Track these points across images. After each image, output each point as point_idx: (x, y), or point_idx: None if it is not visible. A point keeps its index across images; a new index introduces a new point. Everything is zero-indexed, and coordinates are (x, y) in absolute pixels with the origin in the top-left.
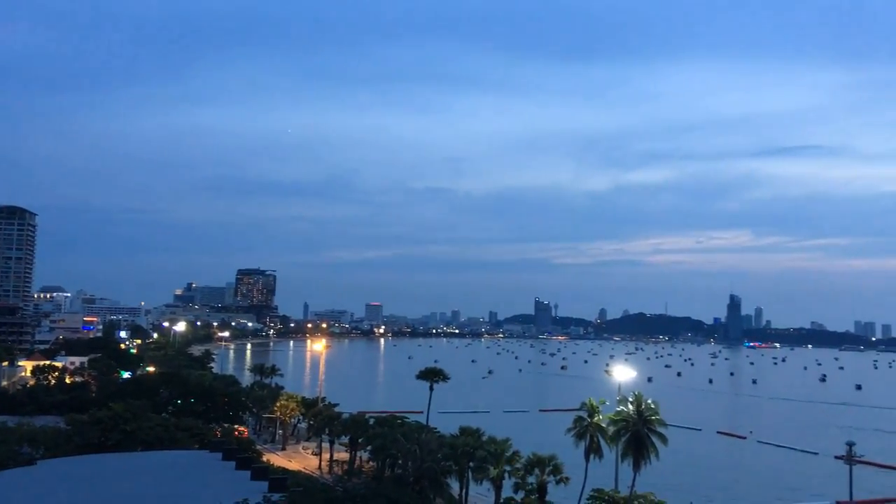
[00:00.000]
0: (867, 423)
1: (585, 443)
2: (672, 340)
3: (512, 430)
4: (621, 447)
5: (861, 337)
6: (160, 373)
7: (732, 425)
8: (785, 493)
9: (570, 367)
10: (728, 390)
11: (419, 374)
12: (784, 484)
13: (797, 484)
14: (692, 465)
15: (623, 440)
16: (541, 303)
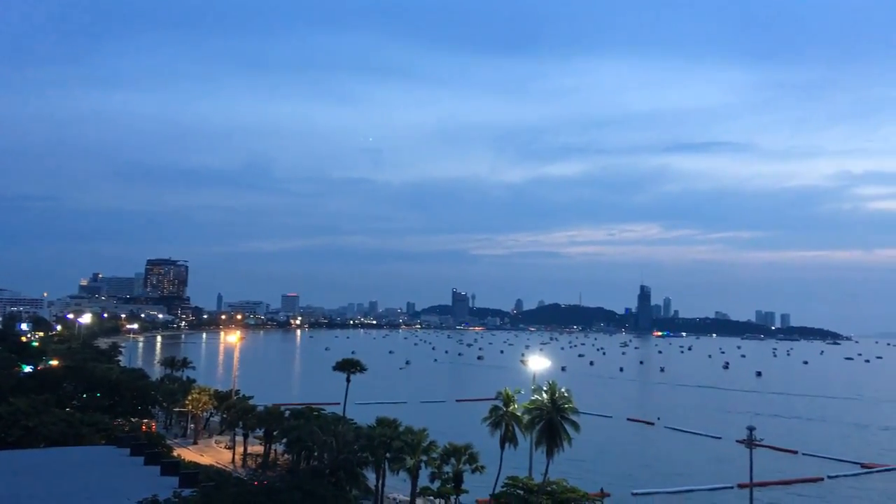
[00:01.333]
0: (766, 408)
1: (501, 431)
2: (585, 330)
3: (429, 421)
4: (535, 435)
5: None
6: (64, 366)
7: (641, 412)
8: (690, 477)
9: (486, 358)
10: (638, 378)
11: (336, 366)
12: (690, 468)
13: (702, 467)
14: (603, 452)
15: (537, 428)
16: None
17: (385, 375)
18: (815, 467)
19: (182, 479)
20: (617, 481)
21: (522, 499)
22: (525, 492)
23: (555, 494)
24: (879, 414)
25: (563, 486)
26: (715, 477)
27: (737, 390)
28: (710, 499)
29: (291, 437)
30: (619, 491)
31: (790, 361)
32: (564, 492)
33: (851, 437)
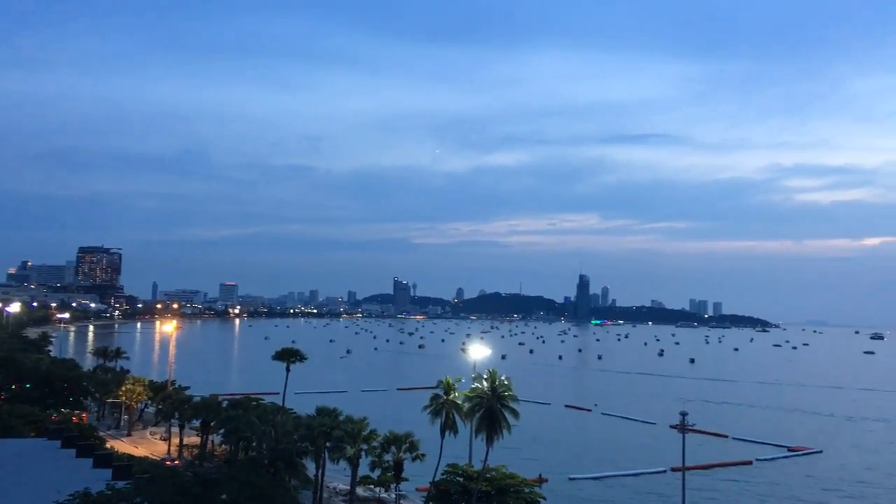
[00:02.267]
0: (699, 394)
1: (441, 419)
2: (525, 319)
3: (370, 410)
4: (475, 423)
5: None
6: None
7: (579, 399)
8: (626, 462)
9: (427, 346)
10: (576, 366)
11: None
12: (625, 453)
13: (637, 452)
14: (542, 438)
15: (477, 416)
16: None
17: (326, 364)
18: (745, 451)
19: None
20: (555, 467)
21: (462, 486)
22: (465, 479)
23: (494, 481)
24: (805, 399)
25: (502, 473)
26: (649, 461)
27: (671, 377)
28: (644, 483)
29: (229, 427)
30: (556, 476)
31: (722, 348)
32: (503, 478)
33: (779, 421)
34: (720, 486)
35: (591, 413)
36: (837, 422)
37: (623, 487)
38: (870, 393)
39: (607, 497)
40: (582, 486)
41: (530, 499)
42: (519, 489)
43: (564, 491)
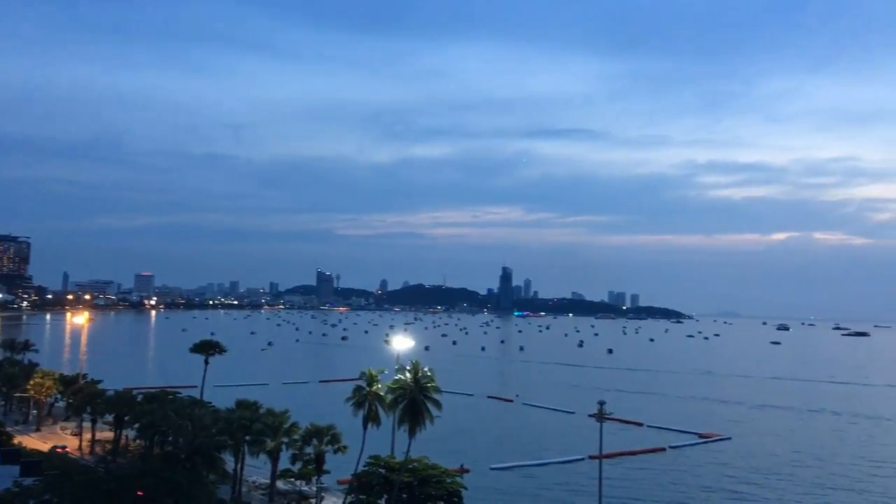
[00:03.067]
0: (616, 383)
1: (364, 411)
2: (449, 311)
3: (291, 402)
4: (398, 414)
5: (614, 306)
6: None
7: (501, 389)
8: (546, 450)
9: (350, 338)
10: (498, 357)
11: (193, 347)
12: (545, 442)
13: (557, 441)
14: (464, 429)
15: (400, 407)
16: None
17: (246, 357)
18: (659, 438)
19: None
20: (476, 457)
21: (384, 477)
22: (387, 470)
23: (416, 472)
24: (715, 387)
25: (424, 464)
26: (568, 450)
27: (590, 367)
28: (563, 471)
29: (144, 421)
30: (478, 466)
31: (638, 339)
32: (425, 469)
33: (691, 409)
34: (635, 473)
35: (513, 403)
36: (745, 409)
37: (543, 476)
38: (775, 381)
39: (527, 486)
40: (502, 476)
41: (451, 489)
42: (440, 480)
43: (485, 481)
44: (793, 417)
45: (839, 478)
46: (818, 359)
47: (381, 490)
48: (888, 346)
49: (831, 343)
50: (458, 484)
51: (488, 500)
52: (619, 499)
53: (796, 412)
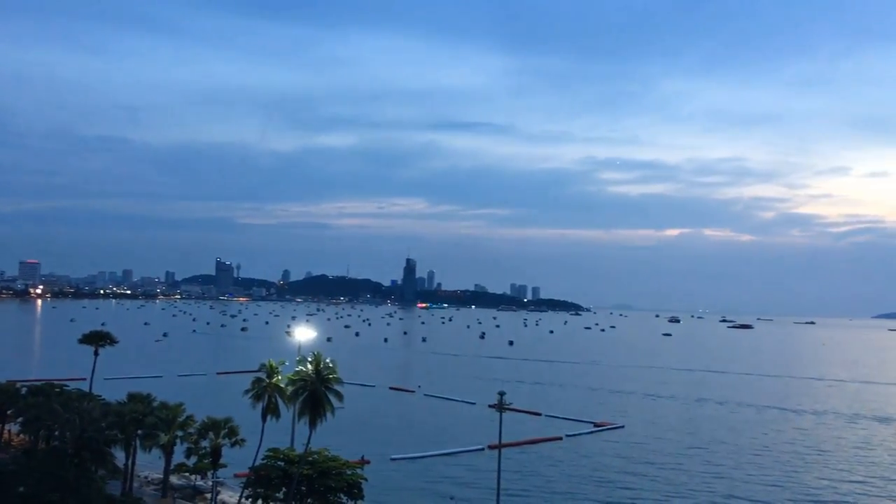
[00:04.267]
0: (516, 374)
1: (263, 403)
2: (352, 302)
3: (187, 395)
4: (299, 406)
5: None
6: None
7: (403, 380)
8: (446, 441)
9: (251, 329)
10: (401, 348)
11: (82, 338)
12: (446, 432)
13: (457, 431)
14: (365, 420)
15: (301, 399)
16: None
17: (139, 349)
18: (556, 427)
19: None
20: (377, 448)
21: (283, 470)
22: (286, 463)
23: (316, 464)
24: (610, 378)
25: (324, 456)
26: (468, 440)
27: (491, 358)
28: (463, 461)
29: (29, 415)
30: (378, 457)
31: (538, 331)
32: (325, 461)
33: (587, 399)
34: (533, 462)
35: (415, 394)
36: (638, 399)
37: (443, 466)
38: (666, 371)
39: (427, 476)
40: (403, 467)
41: (351, 481)
42: (341, 472)
43: (386, 471)
44: (682, 406)
45: (724, 464)
46: (705, 350)
47: (279, 483)
48: (769, 337)
49: (718, 335)
50: (358, 475)
51: (389, 490)
52: (517, 487)
53: (685, 401)
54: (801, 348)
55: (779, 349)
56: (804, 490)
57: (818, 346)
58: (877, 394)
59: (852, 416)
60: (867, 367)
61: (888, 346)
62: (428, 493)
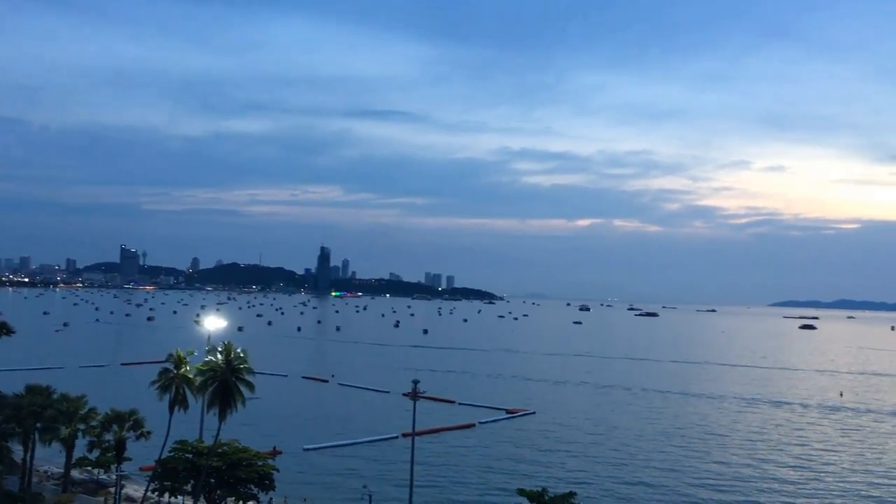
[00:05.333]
0: (430, 363)
1: (171, 395)
2: (265, 290)
3: (89, 387)
4: (208, 397)
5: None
6: None
7: (316, 370)
8: (360, 430)
9: (157, 318)
10: (314, 337)
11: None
12: (360, 421)
13: (371, 420)
14: (278, 411)
15: (210, 390)
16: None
17: (38, 339)
18: (469, 415)
19: None
20: (290, 438)
21: (191, 462)
22: (194, 455)
23: (225, 456)
24: (523, 365)
25: (234, 447)
26: (382, 428)
27: (406, 347)
28: (377, 449)
29: None
30: (291, 447)
31: (452, 320)
32: (235, 452)
33: (500, 386)
34: (447, 449)
35: (328, 384)
36: (549, 386)
37: (356, 455)
38: (576, 359)
39: (340, 465)
40: (316, 456)
41: (263, 472)
42: (251, 463)
43: (299, 462)
44: (590, 392)
45: (631, 449)
46: (614, 338)
47: (187, 476)
48: (672, 325)
49: (625, 323)
50: (269, 466)
51: (301, 480)
52: (430, 475)
53: (593, 387)
54: (702, 335)
55: (682, 336)
56: (704, 473)
57: (718, 334)
58: (771, 379)
59: (750, 400)
60: (763, 353)
61: (782, 333)
62: (341, 482)
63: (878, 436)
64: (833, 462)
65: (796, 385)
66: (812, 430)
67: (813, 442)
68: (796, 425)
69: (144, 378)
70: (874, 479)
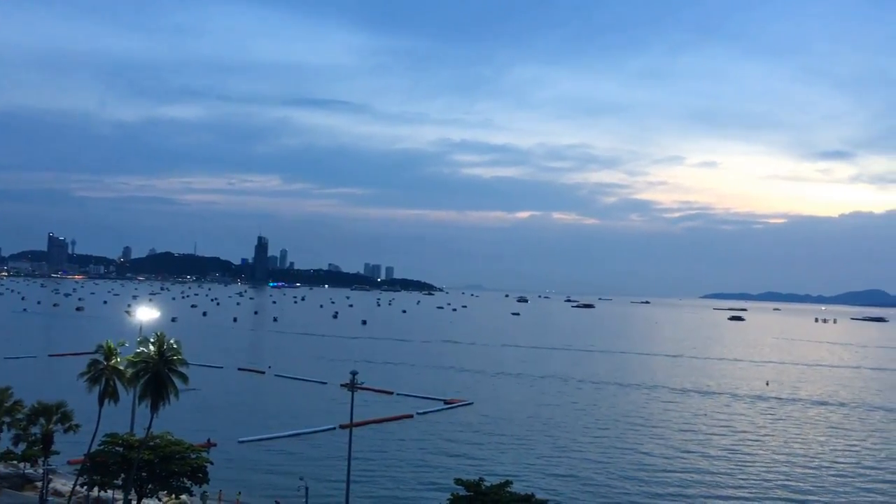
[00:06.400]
0: (369, 354)
1: (101, 387)
2: (200, 280)
3: (14, 379)
4: (140, 389)
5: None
6: None
7: (253, 361)
8: (297, 422)
9: (87, 309)
10: (251, 328)
11: None
12: (297, 413)
13: (308, 412)
14: (213, 403)
15: (142, 382)
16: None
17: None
18: (407, 405)
19: None
20: (225, 431)
21: (121, 456)
22: (125, 448)
23: (157, 449)
24: (461, 356)
25: (167, 440)
26: (319, 420)
27: (344, 338)
28: (314, 441)
29: None
30: (225, 440)
31: (391, 310)
32: (168, 445)
33: (438, 377)
34: (385, 440)
35: (265, 375)
36: (486, 376)
37: (293, 447)
38: (514, 350)
39: (276, 458)
40: (252, 449)
41: (196, 465)
42: (185, 456)
43: (234, 454)
44: (527, 383)
45: (566, 439)
46: (551, 329)
47: (118, 469)
48: (608, 316)
49: (562, 314)
50: (203, 459)
51: (236, 473)
52: (368, 466)
53: (530, 378)
54: (636, 327)
55: (616, 327)
56: (637, 462)
57: (652, 325)
58: (701, 369)
59: (681, 390)
60: (694, 344)
61: (712, 325)
62: (278, 474)
63: (802, 424)
64: (759, 450)
65: (725, 375)
66: (740, 419)
67: (740, 431)
68: (725, 414)
69: (73, 370)
70: (798, 467)
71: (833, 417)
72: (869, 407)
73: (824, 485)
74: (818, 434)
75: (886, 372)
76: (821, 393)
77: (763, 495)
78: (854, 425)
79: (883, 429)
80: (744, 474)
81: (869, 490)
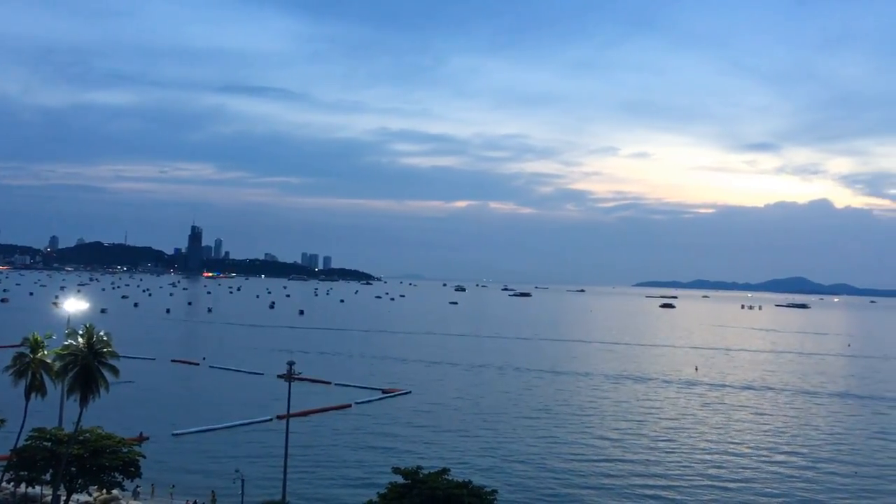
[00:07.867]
0: (306, 344)
1: (27, 381)
2: (131, 271)
3: None
4: (68, 382)
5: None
6: None
7: (187, 353)
8: (233, 413)
9: (12, 300)
10: (185, 319)
11: None
12: (233, 404)
13: (244, 403)
14: (145, 395)
15: (71, 375)
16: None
17: None
18: (346, 395)
19: None
20: (158, 423)
21: (50, 451)
22: (53, 443)
23: (88, 443)
24: (399, 345)
25: (97, 434)
26: (256, 411)
27: (281, 328)
28: (250, 432)
29: None
30: (159, 433)
31: (329, 300)
32: (99, 439)
33: (376, 366)
34: (323, 430)
35: (199, 367)
36: (424, 366)
37: (229, 439)
38: (452, 338)
39: (212, 450)
40: (186, 441)
41: (128, 459)
42: (116, 450)
43: (167, 447)
44: (465, 371)
45: (503, 426)
46: (488, 317)
47: (46, 465)
48: (544, 305)
49: (499, 303)
50: (135, 453)
51: (170, 466)
52: (306, 456)
53: (468, 367)
54: (571, 315)
55: (552, 316)
56: (572, 449)
57: (586, 313)
58: (634, 356)
59: (615, 376)
60: (627, 331)
61: (644, 312)
62: (212, 467)
63: (730, 408)
64: (690, 435)
65: (657, 361)
66: (670, 404)
67: (672, 416)
68: (656, 399)
69: None
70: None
71: (758, 401)
72: (792, 391)
73: (750, 465)
74: (744, 417)
75: (808, 356)
76: (747, 378)
77: (692, 478)
78: (778, 409)
79: (806, 411)
80: (674, 457)
81: (793, 469)
